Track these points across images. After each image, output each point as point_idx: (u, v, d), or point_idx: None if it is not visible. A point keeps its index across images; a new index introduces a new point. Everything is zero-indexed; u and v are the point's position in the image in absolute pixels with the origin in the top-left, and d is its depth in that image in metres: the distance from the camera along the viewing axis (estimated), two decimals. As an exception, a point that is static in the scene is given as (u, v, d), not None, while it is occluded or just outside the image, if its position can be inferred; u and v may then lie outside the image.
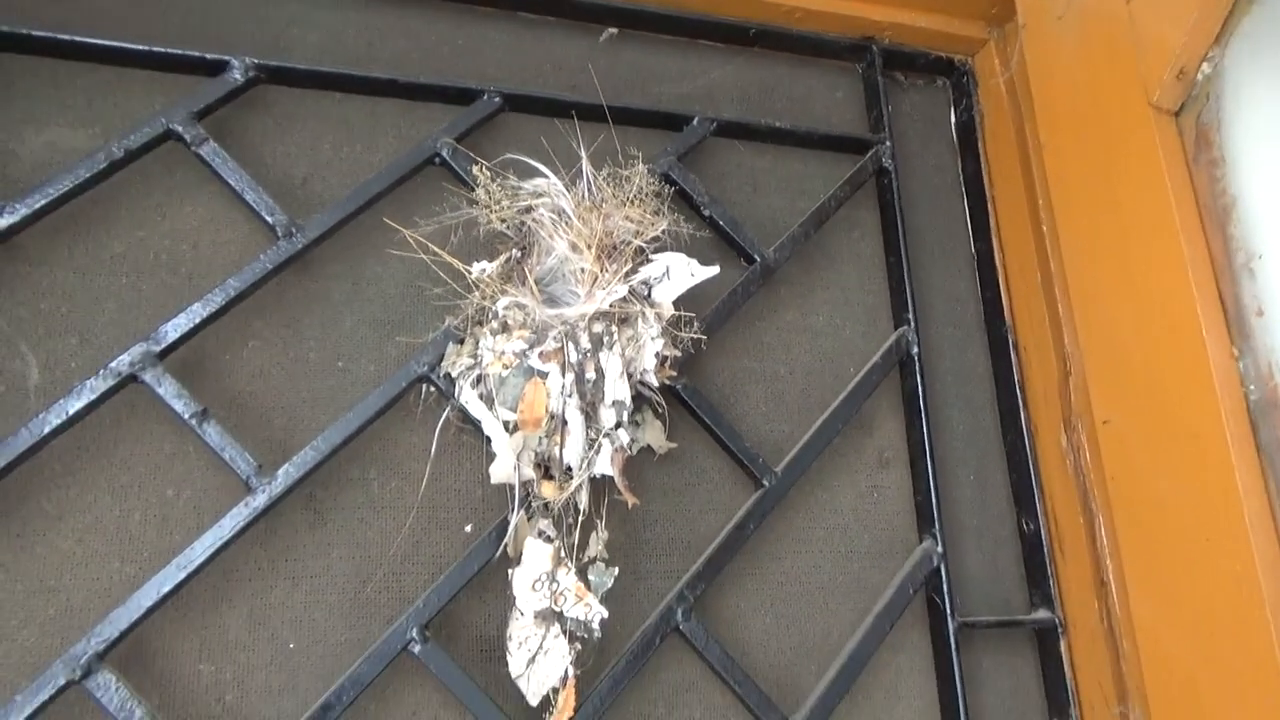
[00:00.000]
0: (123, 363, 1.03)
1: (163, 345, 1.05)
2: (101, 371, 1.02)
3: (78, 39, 1.14)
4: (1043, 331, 1.40)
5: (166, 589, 0.97)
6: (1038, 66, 1.43)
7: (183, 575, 0.98)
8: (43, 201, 1.06)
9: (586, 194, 1.20)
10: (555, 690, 1.04)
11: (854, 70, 1.58)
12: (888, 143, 1.49)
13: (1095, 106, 1.29)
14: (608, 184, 1.22)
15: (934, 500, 1.32)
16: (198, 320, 1.08)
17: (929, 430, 1.35)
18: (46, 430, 0.99)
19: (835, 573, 1.29)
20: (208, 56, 1.18)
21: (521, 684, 1.03)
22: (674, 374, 1.20)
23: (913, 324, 1.40)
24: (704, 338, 1.21)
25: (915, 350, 1.38)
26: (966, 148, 1.58)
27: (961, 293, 1.51)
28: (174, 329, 1.06)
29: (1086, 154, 1.31)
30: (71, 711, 0.96)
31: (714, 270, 1.20)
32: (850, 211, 1.48)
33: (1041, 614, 1.33)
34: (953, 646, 1.25)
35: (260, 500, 1.03)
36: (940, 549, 1.29)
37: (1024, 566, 1.38)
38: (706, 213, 1.33)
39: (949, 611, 1.26)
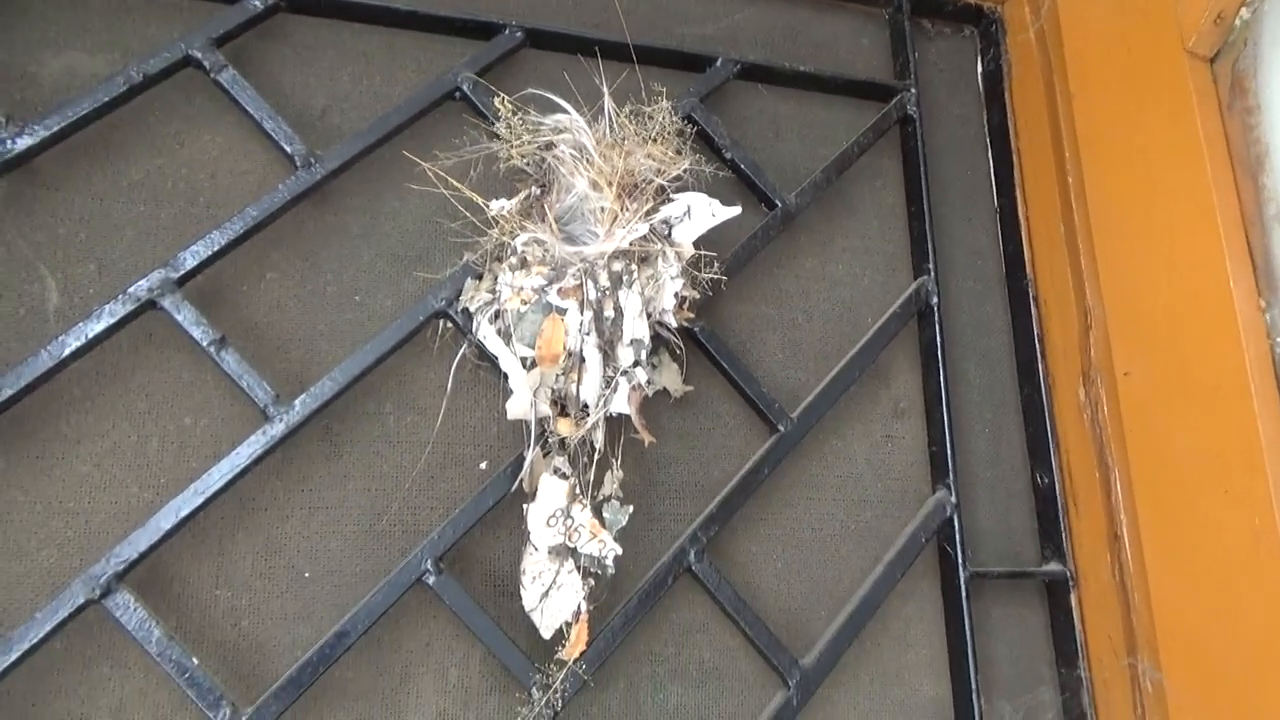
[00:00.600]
0: (141, 288, 1.03)
1: (181, 272, 1.05)
2: (120, 296, 1.02)
3: (96, -40, 1.12)
4: (1064, 285, 1.38)
5: (184, 513, 0.98)
6: (1070, 14, 1.40)
7: (200, 500, 0.99)
8: (60, 125, 1.06)
9: (608, 131, 1.19)
10: (568, 625, 1.05)
11: (880, 16, 1.55)
12: (913, 90, 1.46)
13: (1128, 54, 1.26)
14: (630, 122, 1.20)
15: (949, 451, 1.31)
16: (216, 248, 1.07)
17: (945, 381, 1.34)
18: (65, 353, 0.99)
19: (848, 520, 1.29)
20: (228, -18, 1.16)
21: (535, 617, 1.04)
22: (692, 316, 1.19)
23: (933, 274, 1.39)
24: (724, 279, 1.20)
25: (935, 301, 1.37)
26: (993, 98, 1.56)
27: (983, 245, 1.50)
28: (192, 256, 1.06)
29: (1117, 103, 1.29)
30: (90, 630, 0.97)
31: (735, 210, 1.19)
32: (873, 160, 1.46)
33: (1053, 566, 1.33)
34: (963, 596, 1.25)
35: (277, 429, 1.03)
36: (954, 499, 1.29)
37: (1036, 519, 1.38)
38: (728, 155, 1.31)
39: (961, 561, 1.26)
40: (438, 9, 1.25)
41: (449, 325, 1.15)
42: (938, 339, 1.36)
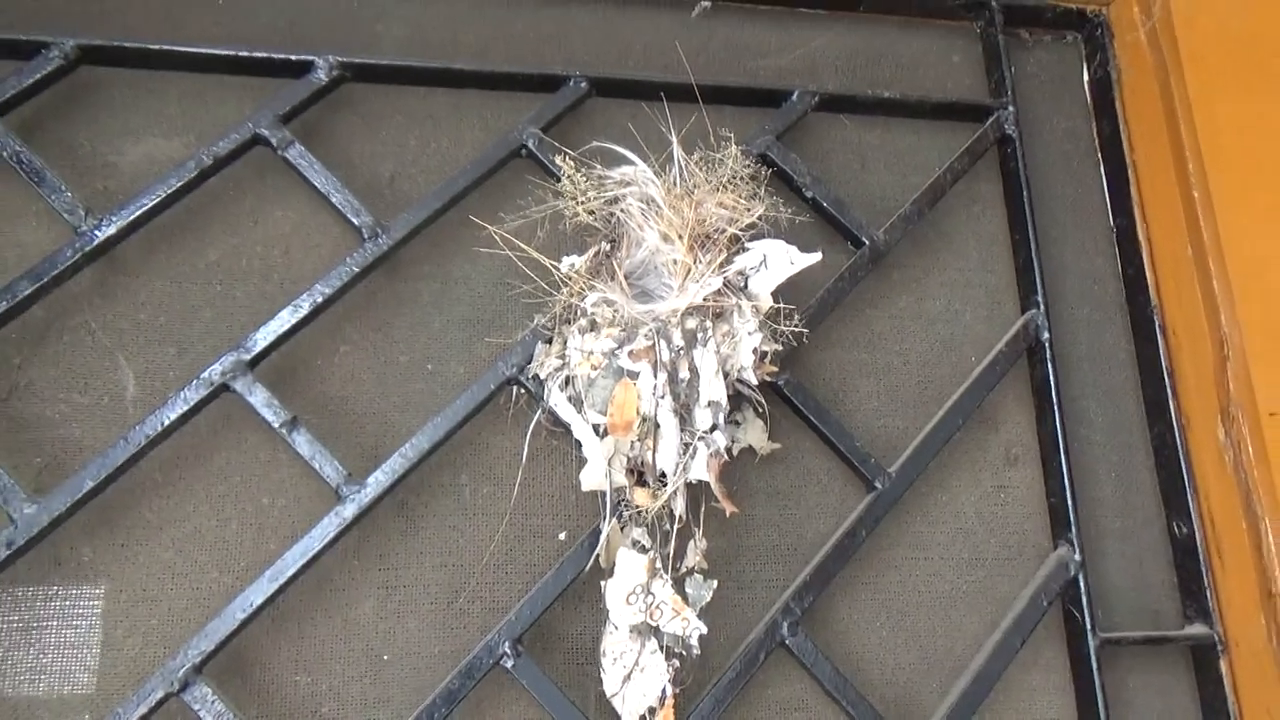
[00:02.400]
0: (215, 372, 1.03)
1: (253, 353, 1.05)
2: (194, 381, 1.02)
3: (166, 47, 1.14)
4: (1194, 311, 1.24)
5: (259, 600, 0.97)
6: (1185, 11, 1.27)
7: (275, 587, 0.98)
8: (139, 211, 1.08)
9: (678, 180, 1.13)
10: (652, 710, 0.98)
11: (971, 29, 1.44)
12: (1010, 108, 1.36)
13: (1253, 53, 1.14)
14: (699, 168, 1.14)
15: (1069, 501, 1.19)
16: (287, 327, 1.07)
17: (1062, 423, 1.22)
18: (144, 440, 0.99)
19: (959, 582, 1.19)
20: (293, 58, 1.17)
21: (616, 703, 0.98)
22: (775, 369, 1.12)
23: (1042, 307, 1.27)
24: (805, 330, 1.12)
25: (1045, 335, 1.26)
26: (1102, 109, 1.43)
27: (1099, 270, 1.37)
28: (264, 337, 1.06)
29: (1244, 104, 1.16)
30: (173, 722, 0.97)
31: (816, 257, 1.11)
32: (969, 185, 1.36)
33: (1198, 629, 1.19)
34: (1094, 665, 1.12)
35: (350, 510, 1.01)
36: (1078, 556, 1.17)
37: (1175, 575, 1.24)
38: (809, 194, 1.24)
39: (1089, 626, 1.14)
40: (501, 65, 1.23)
41: (522, 392, 1.11)
42: (1050, 377, 1.24)
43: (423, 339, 1.16)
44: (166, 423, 1.00)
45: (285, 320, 1.07)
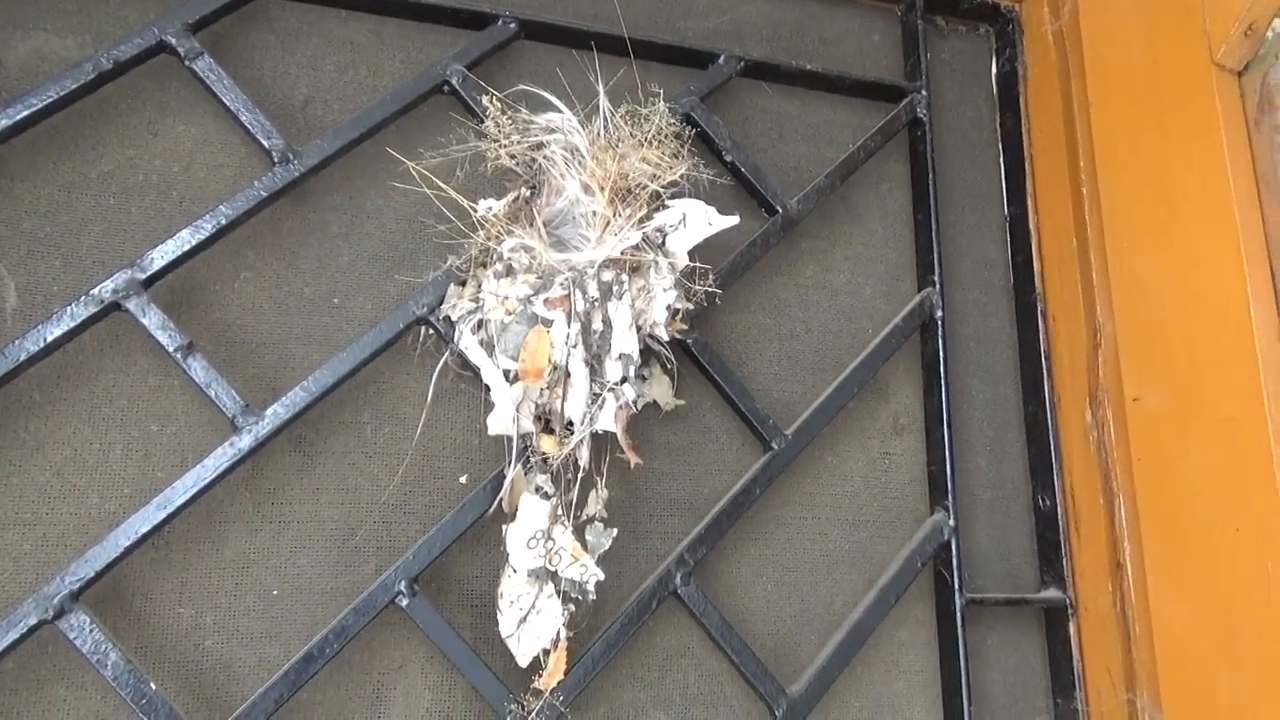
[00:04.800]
0: (106, 289, 0.98)
1: (149, 273, 1.00)
2: (83, 298, 0.97)
3: (65, -62, 1.06)
4: (1074, 300, 1.33)
5: (145, 529, 0.93)
6: (1092, 16, 1.34)
7: (163, 515, 0.94)
8: (26, 112, 1.01)
9: (602, 132, 1.13)
10: (546, 651, 1.00)
11: (892, 12, 1.48)
12: (924, 92, 1.40)
13: (1152, 61, 1.20)
14: (625, 122, 1.14)
15: (948, 471, 1.27)
16: (186, 248, 1.02)
17: (947, 397, 1.29)
18: (23, 357, 0.94)
19: (842, 541, 1.25)
20: (205, -36, 1.10)
21: (511, 644, 1.00)
22: (685, 328, 1.14)
23: (938, 285, 1.33)
24: (719, 291, 1.14)
25: (939, 314, 1.32)
26: (1006, 101, 1.49)
27: (991, 256, 1.44)
28: (161, 256, 1.01)
29: (1138, 112, 1.23)
30: (45, 651, 0.93)
31: (734, 220, 1.14)
32: (879, 164, 1.40)
33: (1052, 593, 1.28)
34: (959, 622, 1.20)
35: (246, 441, 0.98)
36: (952, 521, 1.24)
37: (1036, 544, 1.33)
38: (728, 158, 1.25)
39: (958, 586, 1.22)
40: (428, -3, 1.20)
41: (431, 333, 1.10)
42: (940, 353, 1.30)
43: (330, 272, 1.13)
44: (49, 339, 0.95)
45: (185, 240, 1.02)
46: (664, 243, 1.12)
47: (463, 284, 1.09)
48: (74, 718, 0.93)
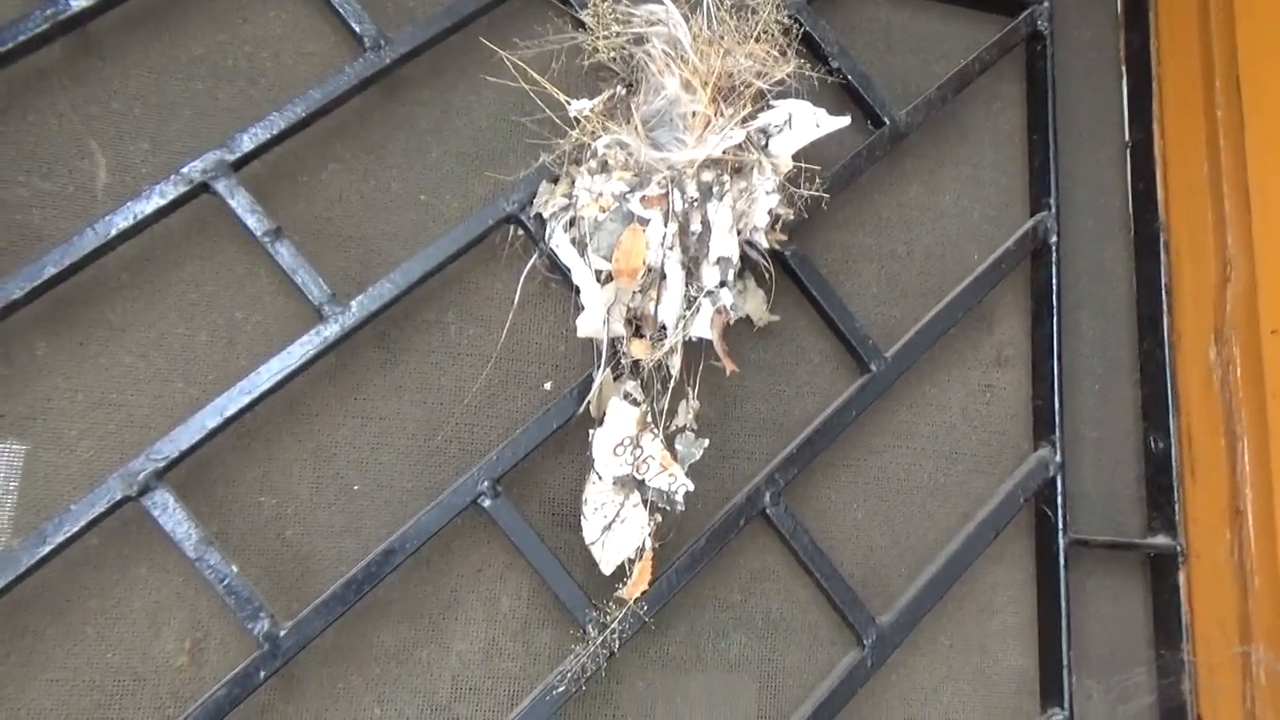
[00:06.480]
0: (195, 169, 0.95)
1: (237, 155, 0.97)
2: (173, 177, 0.95)
3: None
4: (1202, 231, 1.23)
5: (230, 412, 0.92)
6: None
7: (247, 400, 0.92)
8: (116, -11, 0.98)
9: (706, 26, 1.07)
10: (630, 561, 0.97)
11: (1013, -81, 1.38)
12: (1045, 3, 1.31)
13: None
14: (730, 17, 1.08)
15: (1055, 406, 1.19)
16: (275, 132, 0.99)
17: (1058, 329, 1.21)
18: (113, 233, 0.92)
19: (937, 474, 1.19)
20: None
21: (595, 550, 0.96)
22: (783, 238, 1.08)
23: (1053, 209, 1.25)
24: (826, 196, 1.08)
25: (1054, 239, 1.24)
26: (1134, 20, 1.39)
27: (1108, 183, 1.35)
28: (250, 139, 0.98)
29: (1289, 25, 1.12)
30: (128, 529, 0.92)
31: (845, 121, 1.07)
32: (992, 82, 1.31)
33: (1161, 539, 1.21)
34: (1061, 563, 1.14)
35: (332, 330, 0.96)
36: (1059, 458, 1.17)
37: (1145, 488, 1.25)
38: (835, 64, 1.18)
39: (1061, 526, 1.15)
40: (526, -118, 1.14)
41: (520, 232, 1.06)
42: (1053, 280, 1.22)
43: (417, 168, 1.09)
44: (139, 216, 0.93)
45: (274, 125, 0.99)
46: (768, 144, 1.05)
47: (555, 181, 1.04)
48: (156, 597, 0.92)
